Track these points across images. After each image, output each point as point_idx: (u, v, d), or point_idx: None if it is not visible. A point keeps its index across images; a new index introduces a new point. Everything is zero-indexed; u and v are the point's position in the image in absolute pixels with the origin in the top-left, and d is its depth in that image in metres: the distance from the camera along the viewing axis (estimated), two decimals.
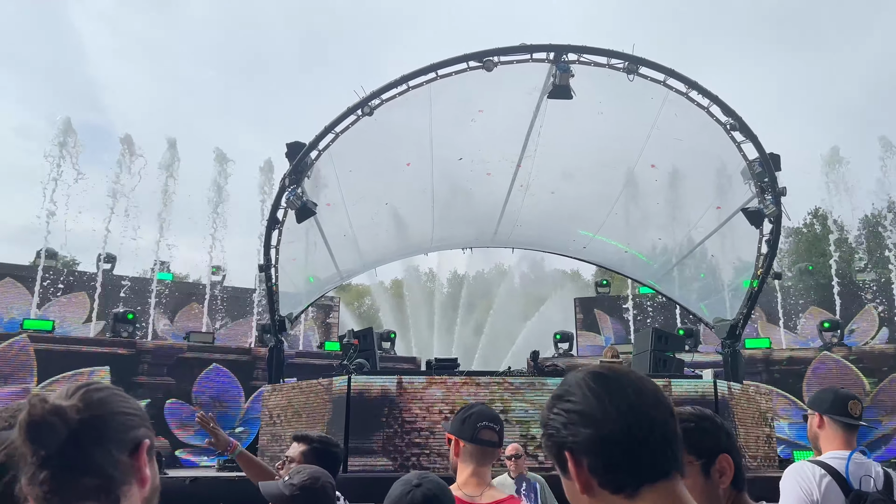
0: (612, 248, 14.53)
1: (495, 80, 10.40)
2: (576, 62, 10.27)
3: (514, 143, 11.77)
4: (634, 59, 10.42)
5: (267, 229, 11.74)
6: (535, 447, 9.61)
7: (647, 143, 11.71)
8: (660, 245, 14.76)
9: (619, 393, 1.24)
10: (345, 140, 11.06)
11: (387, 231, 13.76)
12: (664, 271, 14.98)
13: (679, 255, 14.51)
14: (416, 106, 10.75)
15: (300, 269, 13.52)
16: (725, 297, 13.82)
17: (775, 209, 10.99)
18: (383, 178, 12.55)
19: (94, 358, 16.92)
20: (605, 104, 10.90)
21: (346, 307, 35.80)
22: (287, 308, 13.16)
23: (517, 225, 13.84)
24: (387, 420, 9.87)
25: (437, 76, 10.45)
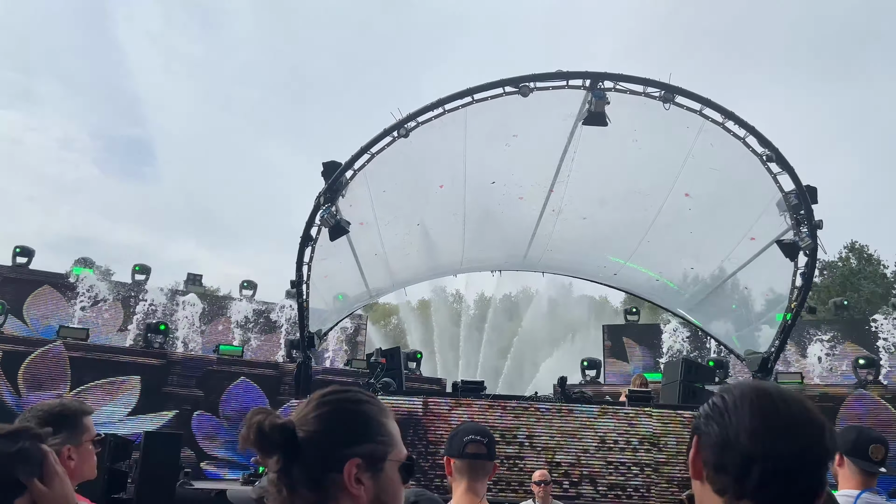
0: (643, 275, 14.43)
1: (531, 106, 10.45)
2: (612, 90, 10.29)
3: (548, 168, 11.78)
4: (671, 88, 10.43)
5: (300, 246, 11.85)
6: (561, 474, 9.53)
7: (682, 172, 11.65)
8: (691, 274, 14.63)
9: (769, 417, 1.31)
10: (380, 160, 11.19)
11: (417, 251, 13.81)
12: (696, 301, 14.83)
13: (711, 285, 14.36)
14: (451, 129, 10.84)
15: (330, 287, 13.62)
16: (758, 330, 13.64)
17: (811, 242, 10.86)
18: (416, 199, 12.64)
19: (126, 367, 17.16)
20: (640, 132, 10.90)
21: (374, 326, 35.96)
22: (316, 324, 13.25)
23: (548, 249, 13.82)
24: (412, 441, 9.85)
25: (473, 100, 10.54)
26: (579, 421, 9.92)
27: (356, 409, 1.49)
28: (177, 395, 17.24)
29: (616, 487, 9.64)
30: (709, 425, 1.36)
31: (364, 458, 1.43)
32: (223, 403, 17.43)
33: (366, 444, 1.46)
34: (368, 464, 1.43)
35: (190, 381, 17.40)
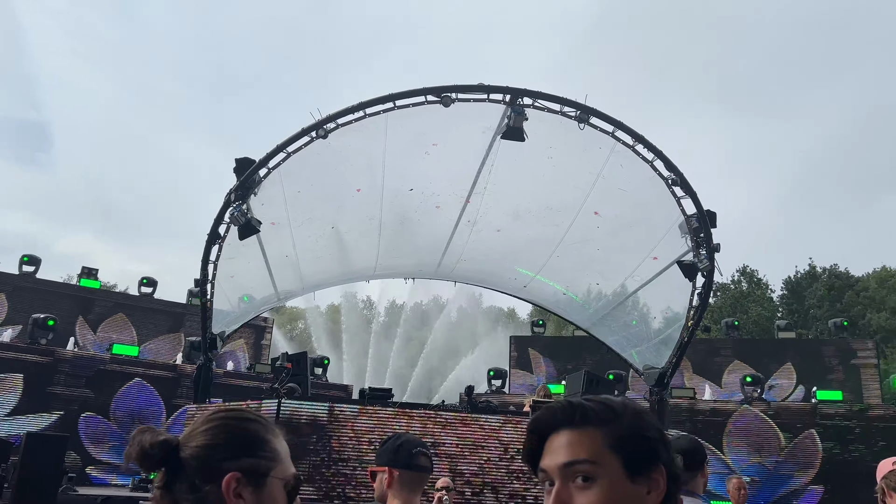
0: (550, 289, 14.75)
1: (452, 117, 10.50)
2: (530, 106, 10.47)
3: (465, 179, 11.88)
4: (586, 109, 10.71)
5: (207, 244, 11.47)
6: (463, 483, 9.57)
7: (593, 191, 11.98)
8: (596, 290, 15.05)
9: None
10: (296, 160, 10.96)
11: (330, 255, 13.64)
12: (599, 316, 15.26)
13: (614, 301, 14.81)
14: (371, 134, 10.76)
15: (237, 288, 13.25)
16: (655, 346, 14.11)
17: (708, 264, 11.37)
18: (332, 201, 12.47)
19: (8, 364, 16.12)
20: (555, 149, 11.15)
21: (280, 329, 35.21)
22: (219, 326, 12.85)
23: (461, 259, 13.92)
24: (314, 448, 9.66)
25: (394, 106, 10.49)
26: (484, 430, 10.00)
27: (241, 426, 1.51)
28: (64, 396, 16.34)
29: (517, 496, 9.76)
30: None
31: (245, 472, 1.44)
32: (114, 405, 16.65)
33: (247, 459, 1.47)
34: (249, 478, 1.44)
35: (79, 381, 16.52)
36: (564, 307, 15.59)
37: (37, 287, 21.01)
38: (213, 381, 13.02)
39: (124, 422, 16.66)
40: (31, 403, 16.04)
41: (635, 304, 14.86)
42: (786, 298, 42.75)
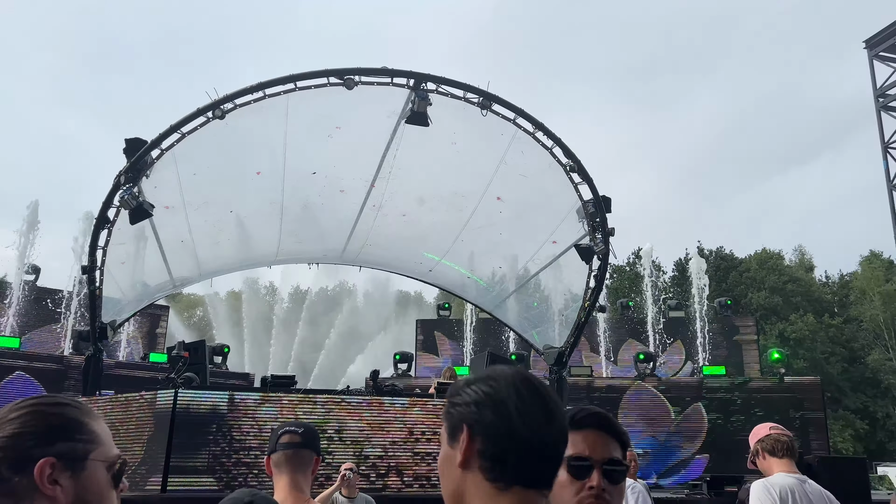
0: (455, 272, 14.87)
1: (355, 100, 10.36)
2: (434, 92, 10.46)
3: (370, 163, 11.76)
4: (489, 96, 10.80)
5: (95, 228, 10.86)
6: (369, 466, 9.56)
7: (496, 177, 12.12)
8: (499, 273, 15.28)
9: (539, 405, 1.33)
10: (191, 141, 10.51)
11: (229, 240, 13.20)
12: (501, 298, 15.52)
13: (516, 283, 15.08)
14: (271, 115, 10.46)
15: (129, 274, 12.65)
16: (555, 326, 14.47)
17: (604, 247, 11.75)
18: (230, 185, 12.07)
19: None
20: (459, 135, 11.19)
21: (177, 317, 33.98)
22: (110, 315, 12.24)
23: (367, 244, 13.81)
24: (214, 438, 9.37)
25: (296, 87, 10.23)
26: (389, 413, 10.01)
27: (52, 410, 1.44)
28: None
29: (421, 478, 9.82)
30: (484, 417, 1.35)
31: (59, 457, 1.37)
32: None
33: (61, 444, 1.40)
34: (66, 463, 1.38)
35: None
36: (469, 290, 15.76)
37: None
38: (104, 373, 12.40)
39: None
40: None
41: (536, 287, 15.17)
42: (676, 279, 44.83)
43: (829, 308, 44.70)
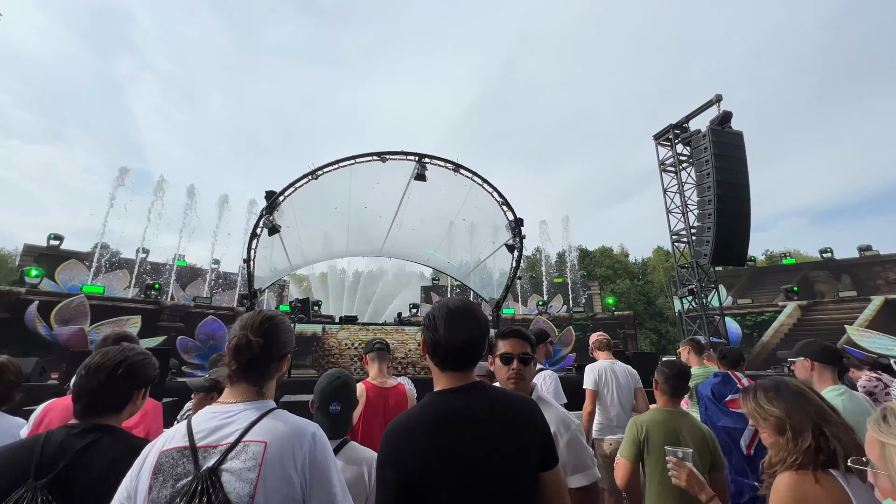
0: (442, 260, 14.76)
1: (387, 167, 10.24)
2: (429, 162, 10.36)
3: (394, 201, 11.61)
4: (457, 165, 10.70)
5: (249, 239, 10.61)
6: (396, 363, 9.42)
7: (462, 207, 12.03)
8: (465, 260, 15.18)
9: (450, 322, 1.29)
10: (300, 191, 10.31)
11: (321, 244, 13.00)
12: (466, 273, 15.43)
13: (474, 265, 14.98)
14: (343, 175, 10.30)
15: (267, 263, 12.37)
16: (495, 287, 14.43)
17: (519, 245, 11.68)
18: (320, 214, 11.86)
19: (129, 310, 14.44)
20: (442, 185, 11.07)
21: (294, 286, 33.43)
22: (258, 284, 11.97)
23: (394, 245, 13.65)
24: (314, 348, 9.22)
25: (355, 161, 10.09)
26: (407, 335, 9.87)
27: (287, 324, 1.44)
28: (166, 327, 14.83)
29: (425, 368, 9.70)
30: (428, 329, 1.33)
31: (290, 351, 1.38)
32: (198, 332, 15.27)
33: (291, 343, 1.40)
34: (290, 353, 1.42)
35: (175, 319, 15.05)
36: (449, 269, 15.65)
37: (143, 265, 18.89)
38: None
39: (203, 341, 15.31)
40: (148, 333, 14.45)
41: (484, 267, 15.10)
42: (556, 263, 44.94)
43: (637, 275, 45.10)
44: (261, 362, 1.24)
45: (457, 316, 1.29)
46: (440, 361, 1.27)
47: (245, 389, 1.24)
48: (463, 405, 1.21)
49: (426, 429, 1.15)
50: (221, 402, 1.21)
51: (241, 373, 1.23)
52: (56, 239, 17.24)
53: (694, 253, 13.38)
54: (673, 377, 2.45)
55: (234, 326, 1.30)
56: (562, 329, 18.24)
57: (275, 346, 1.27)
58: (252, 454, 1.08)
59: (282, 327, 1.32)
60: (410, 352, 9.68)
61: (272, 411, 1.20)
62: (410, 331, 9.99)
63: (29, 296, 12.90)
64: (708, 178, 12.77)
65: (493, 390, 1.28)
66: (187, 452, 1.09)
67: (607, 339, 4.30)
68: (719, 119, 12.95)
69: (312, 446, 1.15)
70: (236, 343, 1.22)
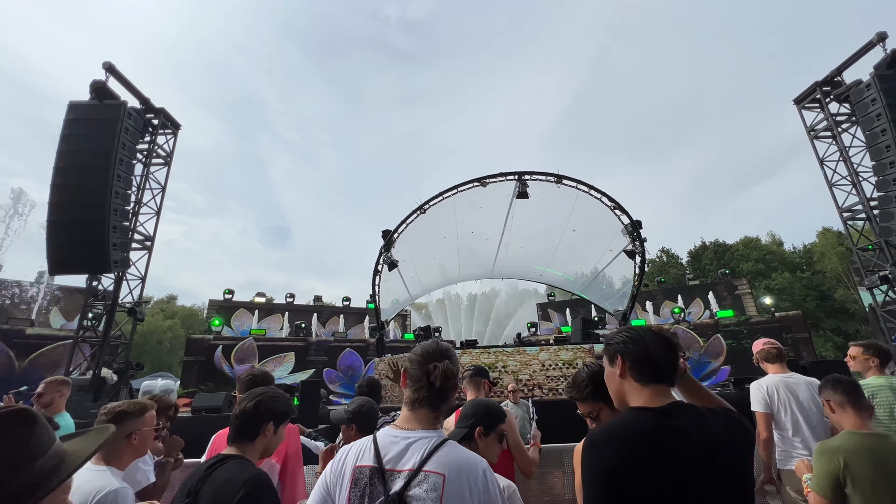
0: (554, 275, 14.32)
1: (489, 191, 10.49)
2: (529, 179, 10.34)
3: (499, 222, 11.76)
4: (559, 176, 10.46)
5: (373, 276, 11.75)
6: (522, 385, 9.29)
7: (570, 219, 11.62)
8: (580, 272, 14.50)
9: (653, 337, 1.33)
10: (411, 226, 11.15)
11: (435, 273, 13.70)
12: (584, 286, 14.68)
13: (591, 277, 14.21)
14: (447, 205, 10.85)
15: (390, 296, 13.48)
16: (618, 298, 13.44)
17: (641, 249, 10.77)
18: (430, 244, 12.56)
19: (286, 348, 16.95)
20: (546, 199, 10.89)
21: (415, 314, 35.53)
22: (384, 316, 13.09)
23: (504, 265, 13.73)
24: None
25: (457, 190, 10.59)
26: (530, 356, 9.71)
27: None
28: (314, 362, 17.00)
29: (553, 390, 9.38)
30: (629, 349, 1.32)
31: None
32: (339, 364, 17.19)
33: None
34: None
35: (320, 353, 17.20)
36: (564, 283, 15.07)
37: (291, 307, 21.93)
38: (385, 345, 13.21)
39: (344, 371, 17.12)
40: (299, 367, 16.76)
41: (603, 277, 14.21)
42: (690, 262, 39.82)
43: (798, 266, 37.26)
44: (443, 392, 1.32)
45: (659, 333, 1.34)
46: (649, 374, 1.26)
47: (425, 415, 1.32)
48: (676, 420, 1.17)
49: (640, 444, 1.13)
50: (402, 426, 1.32)
51: (429, 399, 1.31)
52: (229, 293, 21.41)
53: (880, 230, 10.55)
54: (854, 392, 2.06)
55: (416, 355, 1.38)
56: (707, 338, 15.95)
57: (454, 377, 1.35)
58: (433, 485, 1.17)
59: (456, 359, 1.39)
60: (535, 373, 9.47)
61: (445, 442, 1.27)
62: (531, 351, 9.80)
63: (215, 341, 16.17)
64: (884, 135, 10.12)
65: (698, 409, 1.24)
66: (377, 473, 1.23)
67: (777, 347, 3.53)
68: (887, 61, 10.33)
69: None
70: (443, 371, 1.29)
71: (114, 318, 10.90)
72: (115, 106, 10.18)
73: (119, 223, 9.97)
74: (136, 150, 10.90)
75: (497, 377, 9.44)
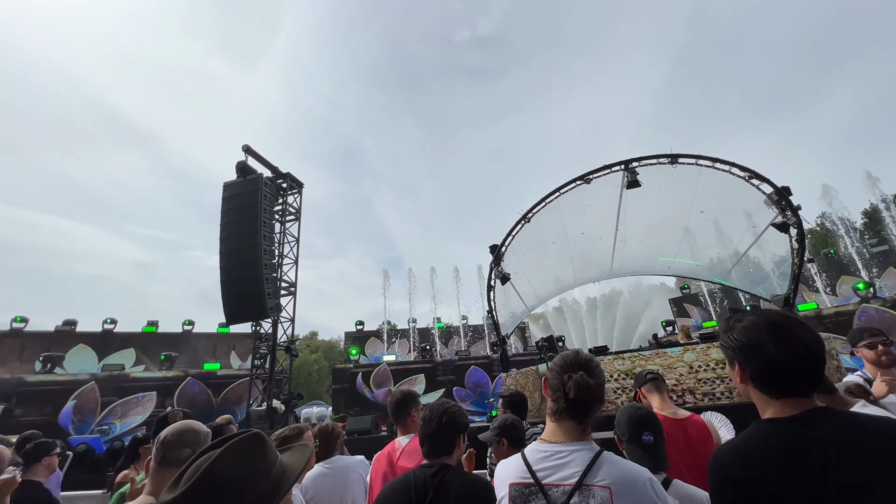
0: (686, 265, 12.85)
1: (594, 187, 10.04)
2: (638, 166, 9.64)
3: (611, 217, 11.08)
4: (673, 156, 9.54)
5: (487, 291, 11.96)
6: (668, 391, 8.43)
7: (695, 199, 10.43)
8: (717, 257, 12.79)
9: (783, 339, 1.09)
10: (517, 238, 11.18)
11: (549, 281, 13.38)
12: (725, 273, 12.88)
13: (732, 261, 12.43)
14: (552, 210, 10.64)
15: (506, 309, 13.50)
16: (774, 280, 11.49)
17: (796, 220, 9.12)
18: (540, 252, 12.35)
19: (415, 370, 18.00)
20: (661, 183, 9.96)
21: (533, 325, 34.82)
22: (503, 330, 13.12)
23: (623, 262, 12.80)
24: None
25: (559, 193, 10.34)
26: (672, 357, 8.80)
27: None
28: (442, 381, 17.73)
29: (708, 395, 8.32)
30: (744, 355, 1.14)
31: None
32: (466, 381, 17.64)
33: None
34: None
35: (447, 373, 17.89)
36: (698, 273, 13.41)
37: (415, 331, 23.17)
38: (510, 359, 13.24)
39: (472, 388, 17.50)
40: (430, 387, 17.64)
41: (748, 259, 12.30)
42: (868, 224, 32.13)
43: None
44: (589, 403, 1.29)
45: (785, 329, 1.11)
46: (777, 389, 1.09)
47: (571, 428, 1.31)
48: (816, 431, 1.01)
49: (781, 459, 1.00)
50: (549, 439, 1.31)
51: (568, 411, 1.30)
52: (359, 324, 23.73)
53: None
54: None
55: (555, 365, 1.39)
56: None
57: (600, 387, 1.33)
58: (601, 499, 1.15)
59: (600, 370, 1.38)
60: (682, 377, 8.52)
61: (602, 453, 1.24)
62: (674, 352, 8.85)
63: (355, 369, 17.94)
64: None
65: (848, 415, 1.05)
66: (535, 489, 1.23)
67: None
68: None
69: (654, 494, 1.18)
70: (577, 382, 1.28)
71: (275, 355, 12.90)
72: (255, 179, 12.33)
73: (269, 275, 11.90)
74: (274, 211, 13.00)
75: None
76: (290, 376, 13.37)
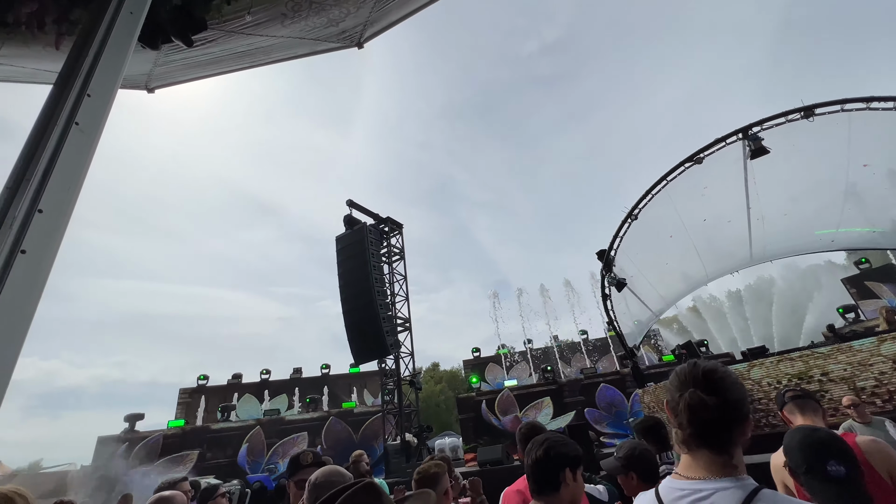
0: (857, 234, 10.39)
1: (707, 167, 8.85)
2: (760, 130, 8.25)
3: (738, 195, 9.58)
4: (808, 108, 7.97)
5: (603, 302, 11.15)
6: (868, 395, 6.68)
7: (850, 153, 8.50)
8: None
9: None
10: (626, 238, 10.31)
11: (674, 279, 11.96)
12: None
13: None
14: (662, 201, 9.64)
15: (628, 318, 12.36)
16: None
17: None
18: (657, 249, 11.16)
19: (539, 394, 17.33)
20: (798, 143, 8.36)
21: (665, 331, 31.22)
22: (631, 341, 11.99)
23: (766, 245, 10.87)
24: None
25: (666, 180, 9.33)
26: (864, 352, 7.02)
27: None
28: (570, 403, 16.72)
29: None
30: None
31: None
32: (597, 401, 16.38)
33: None
34: None
35: (575, 393, 16.84)
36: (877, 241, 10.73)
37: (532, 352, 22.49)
38: (643, 373, 11.97)
39: (605, 408, 16.16)
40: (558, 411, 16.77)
41: None
42: None
43: None
44: (719, 425, 1.09)
45: None
46: None
47: (708, 459, 1.11)
48: None
49: None
50: (684, 474, 1.13)
51: (697, 439, 1.10)
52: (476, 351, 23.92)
53: None
54: None
55: (670, 383, 1.20)
56: None
57: (731, 405, 1.09)
58: None
59: (731, 380, 1.12)
60: (884, 375, 6.71)
61: (760, 492, 1.02)
62: (863, 345, 7.07)
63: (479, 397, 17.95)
64: None
65: None
66: None
67: None
68: None
69: None
70: (688, 403, 1.09)
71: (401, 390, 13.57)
72: (360, 228, 13.54)
73: (385, 314, 12.73)
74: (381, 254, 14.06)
75: (817, 389, 7.08)
76: (418, 409, 13.89)
